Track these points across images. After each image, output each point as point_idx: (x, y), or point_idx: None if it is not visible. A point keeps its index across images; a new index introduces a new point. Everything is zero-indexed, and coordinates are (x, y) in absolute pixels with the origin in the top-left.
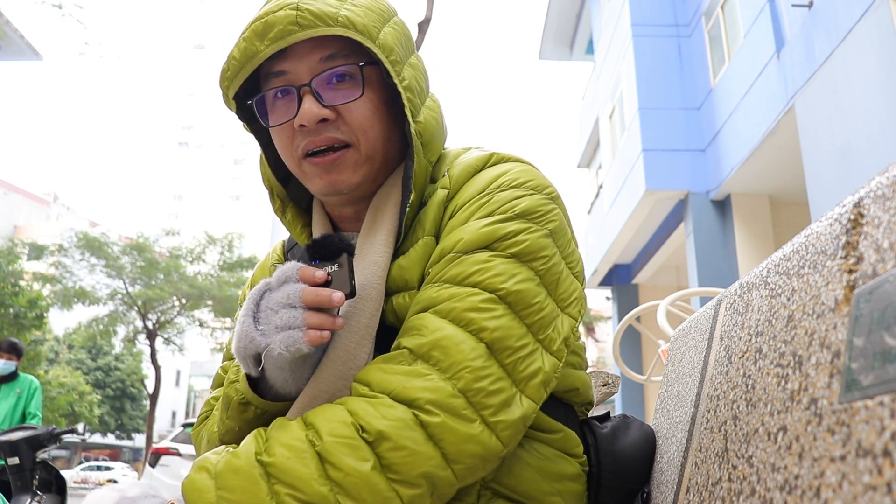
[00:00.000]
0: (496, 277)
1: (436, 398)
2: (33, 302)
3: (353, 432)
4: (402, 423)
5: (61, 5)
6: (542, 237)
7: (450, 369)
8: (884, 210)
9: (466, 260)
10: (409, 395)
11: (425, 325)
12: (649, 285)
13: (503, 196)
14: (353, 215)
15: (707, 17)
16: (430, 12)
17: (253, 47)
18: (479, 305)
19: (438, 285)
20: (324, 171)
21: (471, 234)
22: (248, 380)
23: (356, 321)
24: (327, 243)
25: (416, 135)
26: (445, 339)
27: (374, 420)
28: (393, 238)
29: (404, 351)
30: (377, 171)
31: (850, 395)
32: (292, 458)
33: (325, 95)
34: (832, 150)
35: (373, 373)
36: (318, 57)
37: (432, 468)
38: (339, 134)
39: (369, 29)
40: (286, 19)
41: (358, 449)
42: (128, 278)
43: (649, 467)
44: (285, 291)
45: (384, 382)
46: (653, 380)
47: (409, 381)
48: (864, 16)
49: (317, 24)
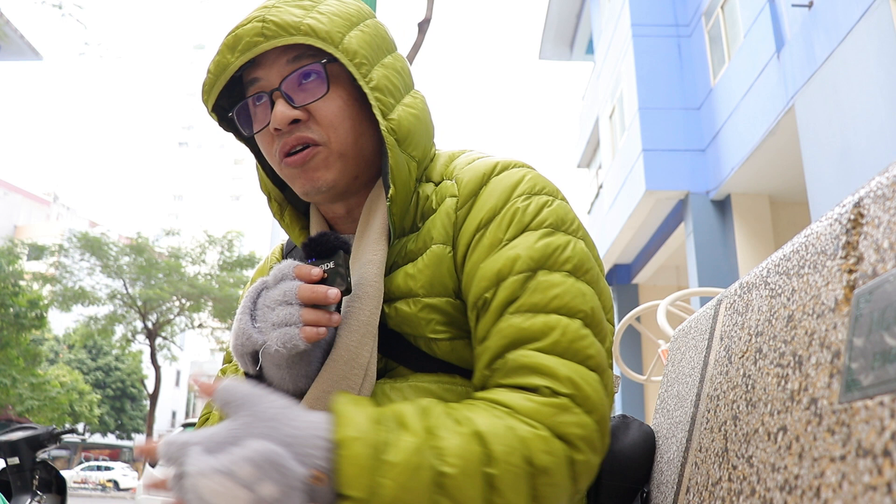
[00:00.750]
0: (574, 300)
1: (584, 434)
2: (33, 302)
3: (523, 463)
4: (561, 461)
5: (61, 5)
6: (583, 248)
7: (585, 403)
8: (884, 210)
9: (540, 285)
10: (564, 430)
11: (541, 364)
12: (649, 285)
13: (531, 206)
14: (346, 215)
15: (707, 17)
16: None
17: (225, 60)
18: (580, 333)
19: (521, 315)
20: (299, 170)
21: (526, 251)
22: (246, 377)
23: (355, 320)
24: (323, 241)
25: (389, 131)
26: (573, 374)
27: (542, 455)
28: (385, 235)
29: (545, 389)
30: (354, 168)
31: (850, 395)
32: (470, 475)
33: (295, 97)
34: (832, 150)
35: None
36: (285, 60)
37: (565, 500)
38: (309, 133)
39: (332, 35)
40: (252, 31)
41: (523, 480)
42: (127, 278)
43: (649, 467)
44: (282, 289)
45: (534, 412)
46: (653, 380)
47: (560, 415)
48: (864, 16)
49: (280, 34)
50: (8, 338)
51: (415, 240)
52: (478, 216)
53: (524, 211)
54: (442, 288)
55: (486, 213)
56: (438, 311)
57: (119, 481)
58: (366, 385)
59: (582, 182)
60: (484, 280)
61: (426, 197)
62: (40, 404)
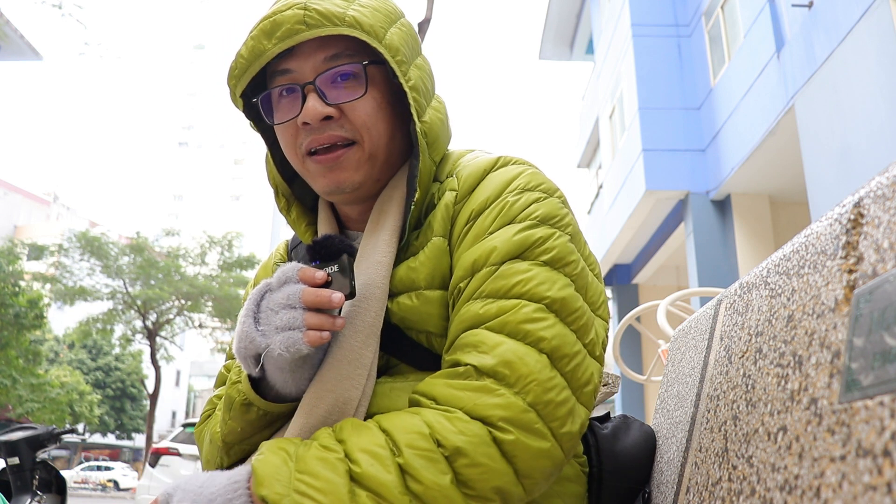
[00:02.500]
0: (540, 286)
1: (509, 415)
2: (33, 302)
3: (432, 445)
4: (478, 440)
5: (61, 5)
6: (567, 242)
7: (517, 383)
8: (884, 210)
9: (505, 272)
10: (482, 412)
11: (482, 342)
12: (649, 285)
13: (521, 201)
14: (359, 216)
15: (707, 17)
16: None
17: (261, 46)
18: (533, 316)
19: (482, 301)
20: (327, 169)
21: (503, 244)
22: (249, 379)
23: (360, 320)
24: (328, 244)
25: (422, 134)
26: (508, 352)
27: (452, 435)
28: (396, 237)
29: (469, 368)
30: (380, 170)
31: (850, 395)
32: (376, 464)
33: (328, 94)
34: (832, 150)
35: (438, 388)
36: (322, 56)
37: (505, 484)
38: (342, 132)
39: (376, 29)
40: (294, 18)
41: (437, 462)
42: (127, 278)
43: (650, 467)
44: (285, 292)
45: (454, 398)
46: (653, 380)
47: (480, 398)
48: (864, 16)
49: (324, 24)
50: (8, 338)
51: (418, 235)
52: (470, 209)
53: (513, 205)
54: (442, 280)
55: (478, 205)
56: (441, 305)
57: (119, 481)
58: (368, 385)
59: (582, 182)
60: (461, 270)
61: (432, 195)
62: (40, 405)
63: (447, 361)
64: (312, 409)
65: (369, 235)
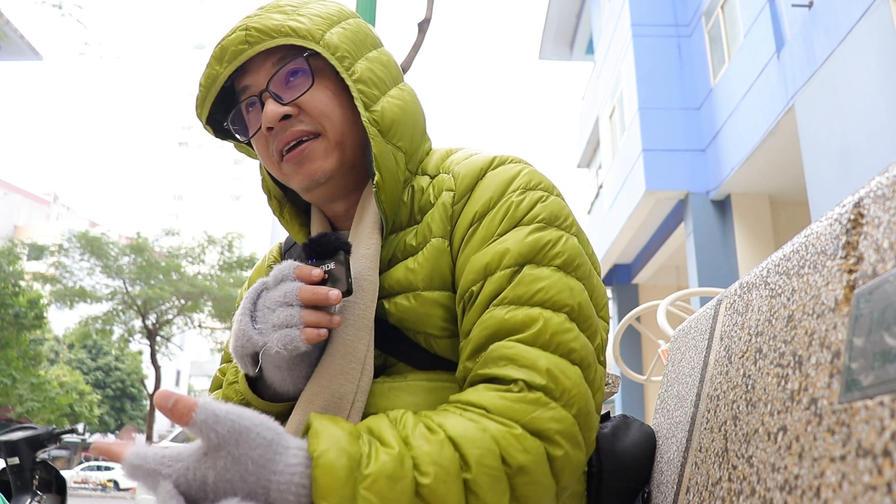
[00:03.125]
0: (561, 294)
1: (562, 428)
2: (33, 302)
3: (500, 464)
4: (539, 458)
5: (61, 5)
6: (575, 244)
7: (563, 396)
8: (884, 210)
9: (525, 278)
10: (539, 426)
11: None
12: (649, 285)
13: (526, 201)
14: (345, 213)
15: (707, 17)
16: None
17: (214, 71)
18: (564, 326)
19: (504, 307)
20: (297, 164)
21: (515, 245)
22: (247, 379)
23: (351, 313)
24: (324, 241)
25: (371, 122)
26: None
27: (518, 453)
28: (378, 228)
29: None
30: (351, 156)
31: (850, 395)
32: (446, 482)
33: (282, 94)
34: (832, 150)
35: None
36: (270, 63)
37: (549, 499)
38: (303, 126)
39: (312, 32)
40: (237, 40)
41: (501, 482)
42: (127, 278)
43: (650, 467)
44: (282, 290)
45: (509, 410)
46: (653, 380)
47: (535, 411)
48: (864, 16)
49: (263, 39)
50: (8, 338)
51: (414, 234)
52: (473, 210)
53: (518, 206)
54: (441, 282)
55: (481, 206)
56: (439, 306)
57: (119, 481)
58: (364, 380)
59: (582, 182)
60: (472, 273)
61: (421, 189)
62: (40, 405)
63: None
64: (309, 406)
65: (354, 231)
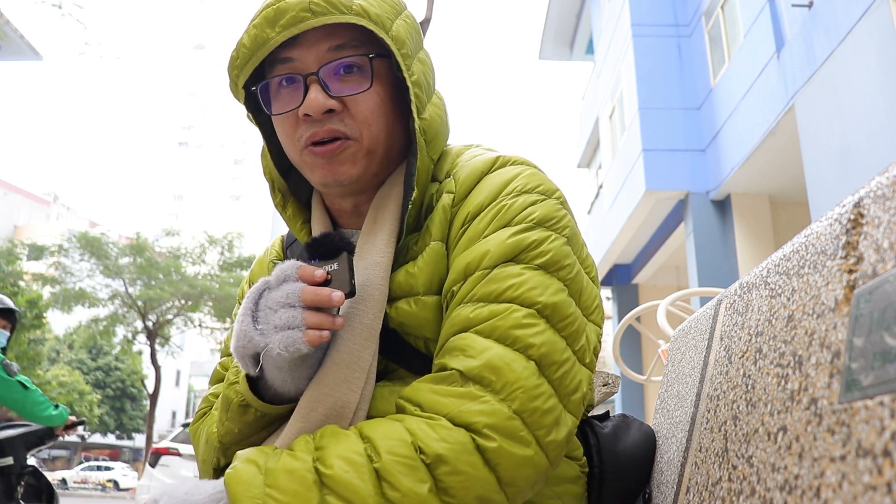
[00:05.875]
0: (532, 291)
1: (493, 422)
2: (33, 302)
3: (413, 452)
4: (460, 448)
5: (61, 5)
6: (563, 245)
7: (503, 390)
8: (884, 210)
9: (498, 275)
10: (466, 419)
11: (470, 346)
12: (649, 285)
13: (518, 203)
14: (352, 210)
15: (707, 17)
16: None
17: (263, 34)
18: (523, 322)
19: (473, 304)
20: (325, 161)
21: (497, 247)
22: (247, 379)
23: (358, 322)
24: (327, 242)
25: (420, 132)
26: (496, 358)
27: (433, 442)
28: (394, 238)
29: (454, 373)
30: (377, 166)
31: (850, 395)
32: (350, 471)
33: (332, 86)
34: (832, 150)
35: (423, 393)
36: (327, 46)
37: (487, 492)
38: (342, 126)
39: (383, 19)
40: (299, 5)
41: (416, 470)
42: (128, 278)
43: (650, 467)
44: (284, 290)
45: (438, 404)
46: (653, 380)
47: (464, 404)
48: (864, 16)
49: (330, 12)
50: None
51: (417, 238)
52: (466, 211)
53: (509, 208)
54: (440, 286)
55: (474, 208)
56: (437, 310)
57: (119, 481)
58: (367, 388)
59: (582, 182)
60: (454, 273)
61: (430, 195)
62: None
63: (436, 365)
64: (310, 413)
65: (367, 235)
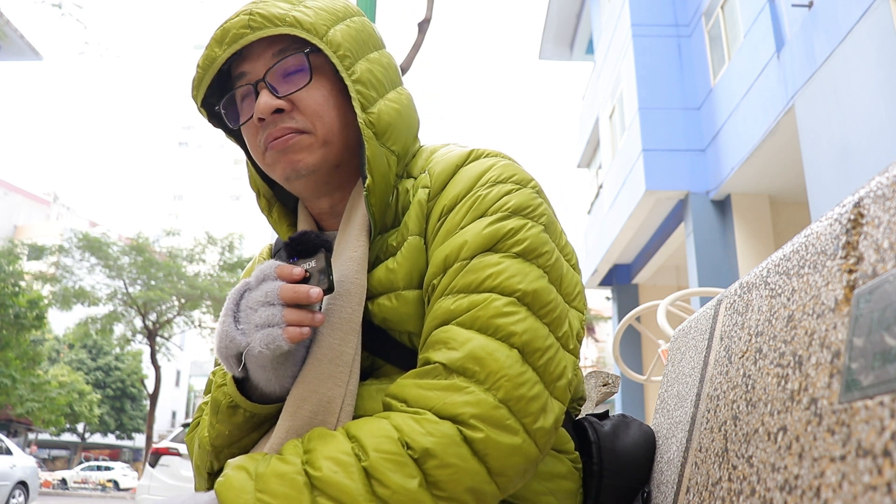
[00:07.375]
0: (511, 279)
1: (479, 412)
2: (33, 302)
3: (400, 448)
4: (448, 440)
5: (61, 5)
6: (541, 233)
7: (488, 380)
8: (884, 210)
9: (476, 265)
10: (452, 411)
11: (453, 338)
12: (649, 285)
13: (493, 193)
14: (330, 210)
15: (707, 17)
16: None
17: (213, 53)
18: (503, 310)
19: (453, 296)
20: (280, 154)
21: (474, 237)
22: (234, 381)
23: (338, 317)
24: (304, 240)
25: (367, 124)
26: (478, 349)
27: (420, 437)
28: (366, 232)
29: (437, 366)
30: (336, 156)
31: (850, 395)
32: (339, 472)
33: (278, 87)
34: (832, 150)
35: (408, 389)
36: (270, 53)
37: (477, 483)
38: (293, 123)
39: (316, 26)
40: (239, 23)
41: (405, 466)
42: (127, 278)
43: (650, 467)
44: (264, 290)
45: (423, 399)
46: (653, 380)
47: (449, 397)
48: (864, 16)
49: (266, 25)
50: (8, 338)
51: (395, 235)
52: (441, 204)
53: (484, 198)
54: (420, 280)
55: (450, 201)
56: (418, 304)
57: (119, 481)
58: (352, 383)
59: (582, 182)
60: (433, 266)
61: (405, 191)
62: (40, 405)
63: (420, 360)
64: (297, 411)
65: (342, 233)
